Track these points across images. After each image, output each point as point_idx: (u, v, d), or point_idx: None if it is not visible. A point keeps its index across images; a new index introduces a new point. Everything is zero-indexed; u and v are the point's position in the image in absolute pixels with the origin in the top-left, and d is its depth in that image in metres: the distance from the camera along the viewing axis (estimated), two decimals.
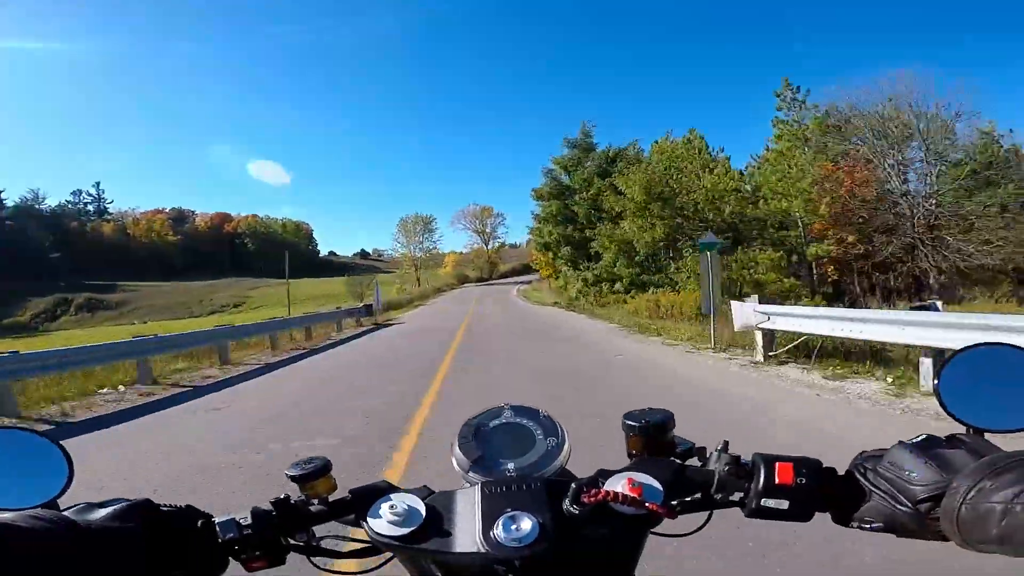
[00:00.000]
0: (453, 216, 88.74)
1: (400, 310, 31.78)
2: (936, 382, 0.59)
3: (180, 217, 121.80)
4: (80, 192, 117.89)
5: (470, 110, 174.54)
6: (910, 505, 0.49)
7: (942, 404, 0.57)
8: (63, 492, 0.60)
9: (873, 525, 0.53)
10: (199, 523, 0.59)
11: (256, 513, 0.60)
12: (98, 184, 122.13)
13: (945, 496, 0.46)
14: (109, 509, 0.53)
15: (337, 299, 43.70)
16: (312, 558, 0.64)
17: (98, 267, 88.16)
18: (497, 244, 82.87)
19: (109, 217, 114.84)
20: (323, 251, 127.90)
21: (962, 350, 0.60)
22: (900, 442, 0.54)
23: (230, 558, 0.59)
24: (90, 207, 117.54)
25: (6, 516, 0.47)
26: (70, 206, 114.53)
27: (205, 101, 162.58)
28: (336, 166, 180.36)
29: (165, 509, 0.57)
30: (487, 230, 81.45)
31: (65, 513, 0.52)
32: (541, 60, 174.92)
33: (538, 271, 61.33)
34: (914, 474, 0.50)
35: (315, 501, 0.63)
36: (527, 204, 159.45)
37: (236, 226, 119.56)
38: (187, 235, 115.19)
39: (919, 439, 0.54)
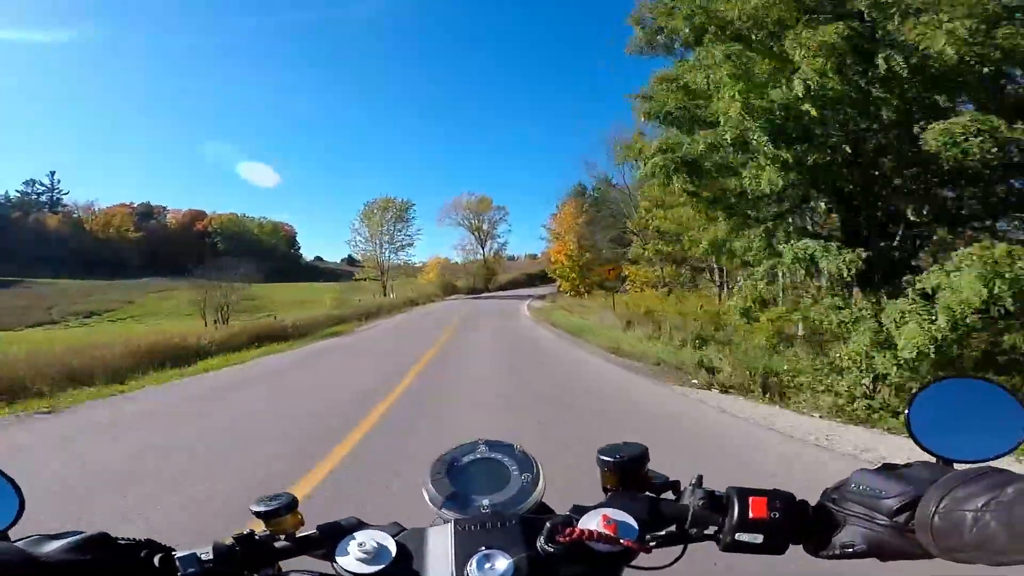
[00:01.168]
0: (440, 210, 68.33)
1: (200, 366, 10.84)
2: (907, 413, 0.58)
3: (147, 213, 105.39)
4: (33, 182, 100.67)
5: (469, 108, 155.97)
6: (887, 519, 0.49)
7: (911, 435, 0.57)
8: (14, 523, 0.58)
9: (856, 548, 0.51)
10: (158, 557, 0.55)
11: (218, 548, 0.56)
12: (52, 173, 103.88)
13: (919, 507, 0.46)
14: (63, 542, 0.50)
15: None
16: None
17: (31, 262, 71.67)
18: (497, 246, 61.27)
19: (61, 209, 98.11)
20: (310, 256, 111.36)
21: (932, 382, 0.60)
22: (860, 469, 0.54)
23: None
24: (43, 198, 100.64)
25: None
26: (21, 196, 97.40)
27: (189, 94, 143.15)
28: (326, 171, 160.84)
29: (123, 543, 0.55)
30: (484, 227, 59.95)
31: (18, 544, 0.50)
32: (551, 57, 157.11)
33: (555, 280, 43.04)
34: (882, 490, 0.50)
35: (281, 537, 0.60)
36: (530, 215, 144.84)
37: (208, 224, 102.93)
38: (153, 232, 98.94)
39: (877, 466, 0.53)
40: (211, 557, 0.56)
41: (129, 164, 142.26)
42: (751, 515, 0.54)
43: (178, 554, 0.56)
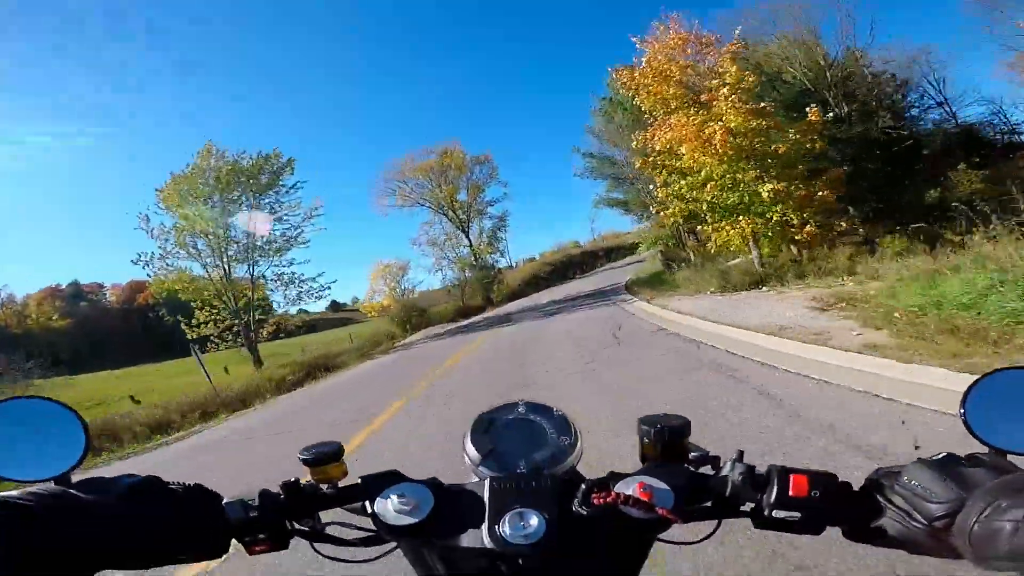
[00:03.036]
0: (377, 183, 40.75)
1: None
2: (962, 409, 0.56)
3: (77, 294, 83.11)
4: None
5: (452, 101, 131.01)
6: (925, 523, 0.47)
7: (967, 425, 0.55)
8: (79, 463, 0.57)
9: (888, 539, 0.50)
10: (206, 504, 0.55)
11: (264, 495, 0.56)
12: None
13: (960, 514, 0.45)
14: (118, 486, 0.51)
15: None
16: (316, 544, 0.60)
17: None
18: (490, 224, 32.67)
19: None
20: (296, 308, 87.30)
21: (988, 373, 0.59)
22: (919, 459, 0.51)
23: (233, 540, 0.56)
24: None
25: (14, 493, 0.46)
26: None
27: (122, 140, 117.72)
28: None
29: (173, 487, 0.54)
30: (463, 197, 31.30)
31: (74, 490, 0.50)
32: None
33: (639, 244, 18.37)
34: (931, 491, 0.48)
35: (324, 486, 0.60)
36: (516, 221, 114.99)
37: (149, 296, 79.50)
38: (87, 315, 76.95)
39: (938, 456, 0.51)
40: (257, 504, 0.55)
41: (56, 241, 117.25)
42: (791, 493, 0.51)
43: (225, 501, 0.55)
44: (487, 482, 0.55)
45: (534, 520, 0.49)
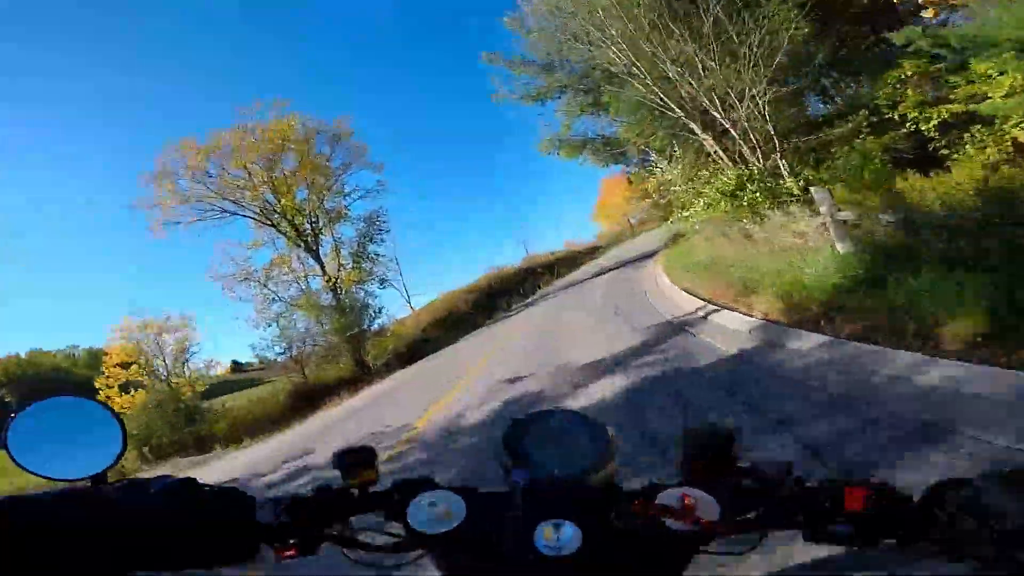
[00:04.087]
0: (152, 174, 17.84)
1: None
2: None
3: None
4: None
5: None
6: (995, 537, 0.44)
7: None
8: (115, 463, 0.57)
9: (952, 556, 0.47)
10: (238, 507, 0.54)
11: (296, 500, 0.56)
12: None
13: None
14: (152, 489, 0.51)
15: None
16: (345, 549, 0.58)
17: None
18: (362, 228, 19.08)
19: None
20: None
21: None
22: (987, 471, 0.48)
23: (263, 544, 0.54)
24: None
25: (43, 491, 0.46)
26: None
27: None
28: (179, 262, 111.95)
29: (207, 489, 0.54)
30: (293, 190, 17.23)
31: (108, 490, 0.50)
32: None
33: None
34: (1003, 504, 0.45)
35: (356, 491, 0.59)
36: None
37: None
38: None
39: (1007, 470, 0.47)
40: (289, 507, 0.55)
41: None
42: (845, 505, 0.48)
43: (258, 504, 0.55)
44: (521, 491, 0.53)
45: (569, 531, 0.48)
